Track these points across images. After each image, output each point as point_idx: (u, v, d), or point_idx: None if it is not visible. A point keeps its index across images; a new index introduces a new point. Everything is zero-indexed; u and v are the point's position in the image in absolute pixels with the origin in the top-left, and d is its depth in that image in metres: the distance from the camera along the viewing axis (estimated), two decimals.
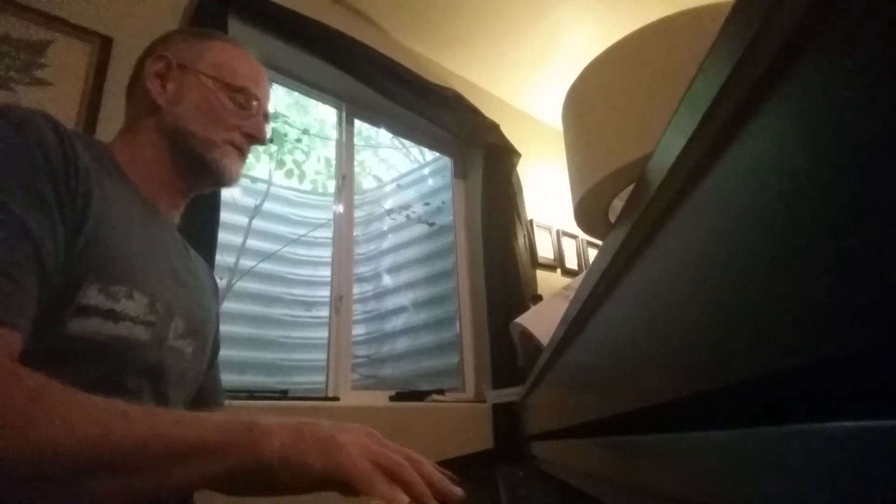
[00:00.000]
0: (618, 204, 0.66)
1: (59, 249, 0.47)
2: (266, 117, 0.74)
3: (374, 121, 2.07)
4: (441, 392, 1.77)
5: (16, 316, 0.41)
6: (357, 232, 2.06)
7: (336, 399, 1.51)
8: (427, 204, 2.62)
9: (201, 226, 1.18)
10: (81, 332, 0.49)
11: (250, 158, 0.75)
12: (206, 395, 0.78)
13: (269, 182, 2.89)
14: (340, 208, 1.84)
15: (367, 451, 0.41)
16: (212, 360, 0.78)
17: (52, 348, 0.48)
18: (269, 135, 0.75)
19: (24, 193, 0.45)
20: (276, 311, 2.57)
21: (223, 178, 0.70)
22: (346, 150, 1.92)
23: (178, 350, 0.62)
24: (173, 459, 0.38)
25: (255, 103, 0.71)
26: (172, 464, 0.38)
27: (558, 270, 2.33)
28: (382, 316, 2.67)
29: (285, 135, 2.86)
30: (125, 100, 0.70)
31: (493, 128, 2.15)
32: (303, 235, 2.84)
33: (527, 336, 1.10)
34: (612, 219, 0.69)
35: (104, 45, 1.22)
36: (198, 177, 0.70)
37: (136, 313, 0.55)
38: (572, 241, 2.44)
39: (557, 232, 2.38)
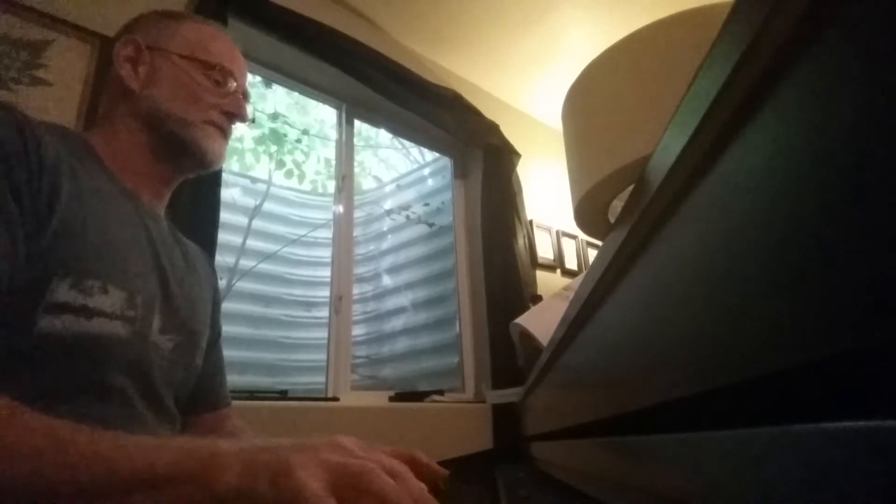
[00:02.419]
0: (618, 204, 0.66)
1: (18, 245, 0.45)
2: (245, 96, 0.72)
3: (374, 121, 2.07)
4: (441, 392, 1.77)
5: None
6: (357, 232, 2.06)
7: (336, 399, 1.51)
8: (427, 204, 2.62)
9: (201, 226, 1.18)
10: (52, 331, 0.48)
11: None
12: (207, 389, 0.75)
13: (268, 182, 2.89)
14: (340, 209, 1.84)
15: (324, 466, 0.36)
16: (207, 351, 0.75)
17: (23, 349, 0.46)
18: (250, 114, 0.73)
19: None
20: (276, 311, 2.57)
21: (206, 159, 0.67)
22: (345, 150, 1.92)
23: (160, 346, 0.60)
24: (119, 490, 0.35)
25: (231, 81, 0.69)
26: (118, 495, 0.35)
27: (558, 271, 2.33)
28: (382, 316, 2.67)
29: (285, 135, 2.86)
30: (99, 91, 0.69)
31: (493, 128, 2.15)
32: (303, 236, 2.84)
33: (526, 336, 1.10)
34: (612, 219, 0.69)
35: (104, 45, 1.22)
36: (179, 160, 0.67)
37: (111, 308, 0.52)
38: (572, 242, 2.44)
39: (557, 232, 2.39)
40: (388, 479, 0.36)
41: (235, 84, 0.70)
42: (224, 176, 1.32)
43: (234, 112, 0.69)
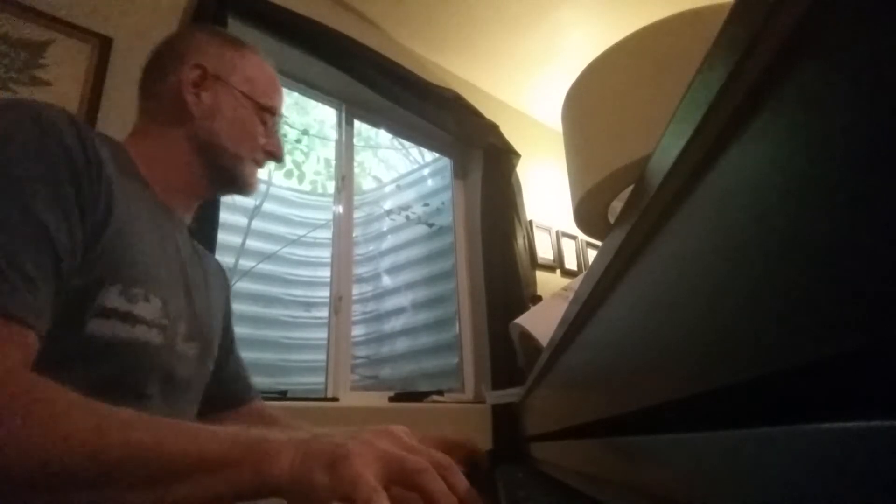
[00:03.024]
0: (617, 205, 0.66)
1: (77, 252, 0.47)
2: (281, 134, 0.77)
3: (374, 121, 2.07)
4: (440, 393, 1.77)
5: (35, 319, 0.41)
6: (356, 233, 2.06)
7: (335, 400, 1.51)
8: (427, 205, 2.62)
9: (201, 226, 1.18)
10: (100, 334, 0.49)
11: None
12: (232, 389, 0.79)
13: (268, 182, 2.89)
14: (340, 209, 1.84)
15: (382, 459, 0.37)
16: (227, 355, 0.79)
17: (70, 349, 0.47)
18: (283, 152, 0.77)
19: (45, 193, 0.44)
20: (276, 311, 2.57)
21: (245, 190, 0.72)
22: (345, 150, 1.92)
23: (184, 354, 0.62)
24: (173, 475, 0.36)
25: (277, 123, 0.74)
26: (170, 480, 0.36)
27: (558, 271, 2.33)
28: (382, 317, 2.67)
29: (285, 135, 2.85)
30: (141, 96, 0.69)
31: (493, 128, 2.15)
32: (302, 236, 2.84)
33: (526, 337, 1.10)
34: (612, 219, 0.69)
35: (104, 45, 1.22)
36: (222, 187, 0.72)
37: (151, 317, 0.54)
38: (572, 242, 2.44)
39: (557, 233, 2.39)
40: (440, 480, 0.37)
41: (278, 122, 0.74)
42: None
43: (276, 153, 0.74)
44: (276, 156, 0.74)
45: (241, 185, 0.71)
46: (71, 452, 0.34)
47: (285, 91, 2.00)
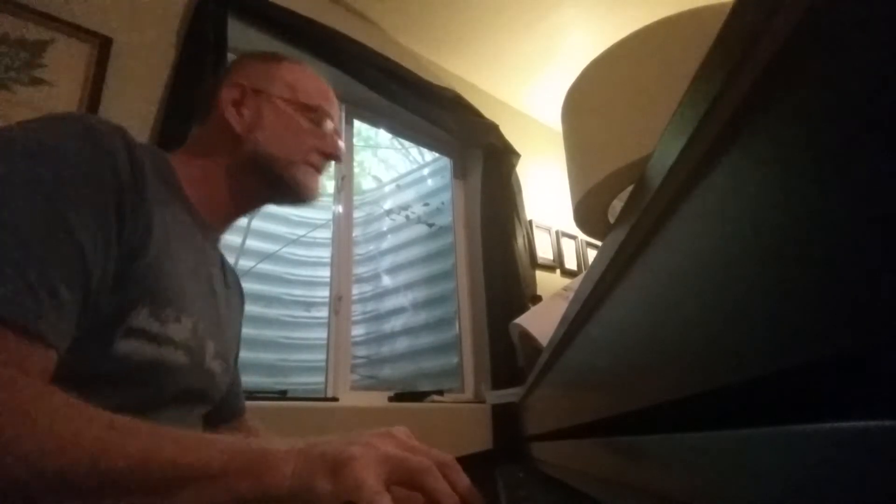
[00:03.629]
0: (617, 204, 0.66)
1: (109, 273, 0.46)
2: (339, 134, 0.75)
3: (374, 121, 2.07)
4: (440, 393, 1.77)
5: (57, 338, 0.40)
6: (356, 232, 2.06)
7: (335, 399, 1.51)
8: (426, 204, 2.62)
9: None
10: (127, 354, 0.49)
11: (321, 180, 0.76)
12: (231, 400, 0.78)
13: None
14: (340, 209, 1.84)
15: (384, 461, 0.37)
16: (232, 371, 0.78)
17: (95, 369, 0.47)
18: (342, 151, 0.76)
19: (86, 210, 0.44)
20: (276, 311, 2.57)
21: (305, 198, 0.71)
22: (345, 150, 1.92)
23: (212, 371, 0.62)
24: (173, 484, 0.36)
25: (328, 121, 0.72)
26: (171, 489, 0.36)
27: (557, 271, 2.33)
28: (382, 316, 2.67)
29: None
30: (196, 123, 0.70)
31: (493, 128, 2.15)
32: (302, 236, 2.84)
33: (526, 336, 1.10)
34: (612, 219, 0.69)
35: (104, 45, 1.22)
36: (278, 197, 0.71)
37: (179, 337, 0.54)
38: (572, 242, 2.44)
39: (557, 232, 2.39)
40: (442, 479, 0.38)
41: (332, 124, 0.72)
42: None
43: (332, 153, 0.72)
44: (334, 155, 0.72)
45: (301, 191, 0.69)
46: (70, 459, 0.34)
47: None
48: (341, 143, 0.75)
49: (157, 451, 0.36)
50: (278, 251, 2.74)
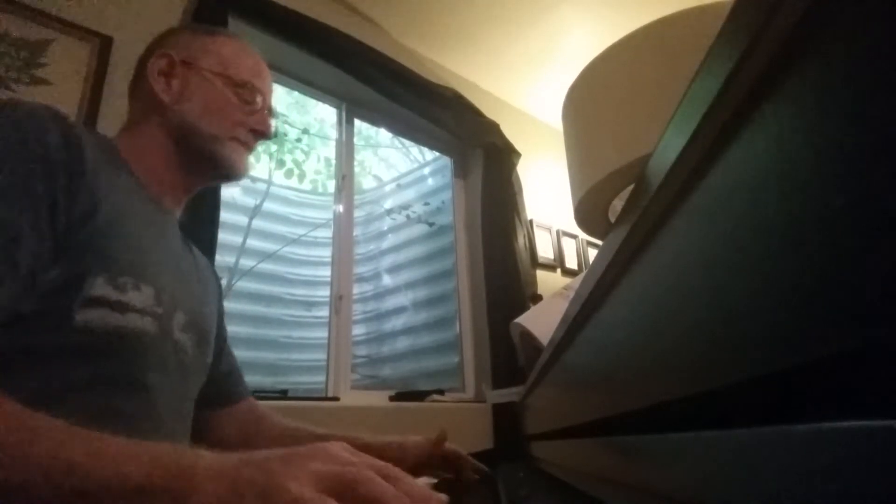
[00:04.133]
0: (618, 204, 0.66)
1: (45, 241, 0.47)
2: (270, 112, 0.74)
3: (374, 120, 2.07)
4: (441, 392, 1.77)
5: None
6: (357, 232, 2.06)
7: (336, 399, 1.51)
8: (427, 204, 2.62)
9: (201, 226, 1.18)
10: (88, 323, 0.49)
11: (250, 158, 0.75)
12: (224, 387, 0.79)
13: (269, 182, 2.89)
14: (340, 208, 1.84)
15: (319, 479, 0.35)
16: (219, 353, 0.78)
17: (62, 343, 0.48)
18: (273, 129, 0.75)
19: (10, 189, 0.45)
20: (276, 311, 2.57)
21: (231, 173, 0.70)
22: (345, 149, 1.92)
23: (181, 343, 0.62)
24: (82, 497, 0.33)
25: (259, 98, 0.71)
26: (85, 501, 0.33)
27: (558, 270, 2.33)
28: (382, 316, 2.67)
29: (285, 134, 2.85)
30: (129, 97, 0.70)
31: (493, 127, 2.15)
32: (303, 235, 2.84)
33: (527, 336, 1.10)
34: (612, 219, 0.69)
35: (104, 45, 1.22)
36: (205, 172, 0.70)
37: (142, 304, 0.54)
38: (572, 241, 2.44)
39: (557, 232, 2.38)
40: (385, 484, 0.35)
41: (262, 101, 0.72)
42: None
43: (261, 130, 0.72)
44: (264, 133, 0.72)
45: (225, 167, 0.68)
46: None
47: (285, 91, 1.99)
48: (272, 121, 0.74)
49: (66, 460, 0.34)
50: (279, 251, 2.74)
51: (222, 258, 2.30)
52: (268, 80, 0.74)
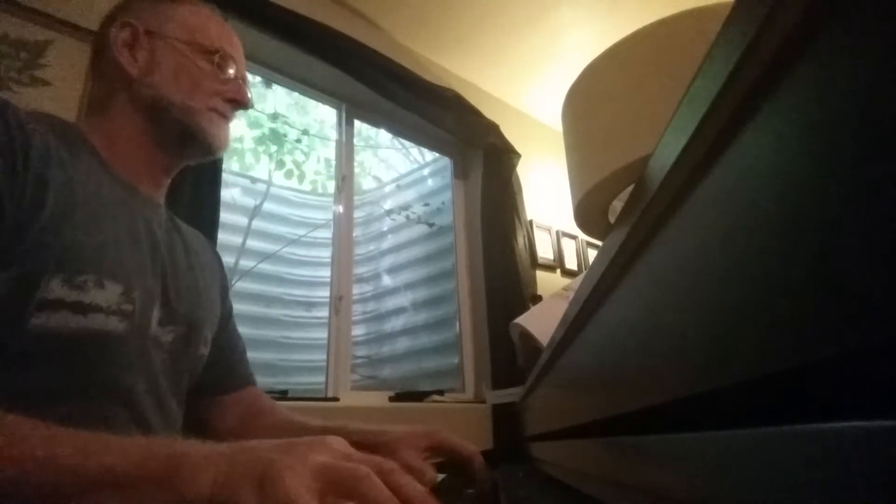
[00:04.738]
0: (618, 204, 0.66)
1: None
2: (244, 80, 0.70)
3: (374, 121, 2.07)
4: (441, 392, 1.77)
5: None
6: (357, 232, 2.06)
7: (336, 399, 1.51)
8: (427, 204, 2.62)
9: (201, 226, 1.18)
10: (47, 329, 0.46)
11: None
12: (227, 367, 0.76)
13: (268, 182, 2.89)
14: (340, 209, 1.84)
15: (316, 472, 0.34)
16: (219, 334, 0.75)
17: (17, 348, 0.45)
18: (250, 98, 0.70)
19: None
20: (276, 311, 2.57)
21: (211, 146, 0.65)
22: (345, 150, 1.92)
23: (159, 339, 0.59)
24: (70, 493, 0.33)
25: (232, 65, 0.67)
26: (74, 496, 0.33)
27: (558, 271, 2.33)
28: (382, 316, 2.67)
29: (285, 135, 2.86)
30: (91, 77, 0.65)
31: (493, 128, 2.15)
32: (302, 236, 2.84)
33: (526, 336, 1.10)
34: (612, 219, 0.69)
35: None
36: (183, 148, 0.65)
37: (107, 304, 0.51)
38: (572, 242, 2.44)
39: (557, 232, 2.39)
40: (382, 484, 0.34)
41: (236, 69, 0.67)
42: (224, 176, 1.32)
43: (238, 98, 0.67)
44: (241, 102, 0.67)
45: (203, 140, 0.63)
46: None
47: (285, 91, 1.98)
48: (248, 90, 0.69)
49: (52, 456, 0.33)
50: (279, 251, 2.74)
51: (222, 259, 2.29)
52: (238, 47, 0.70)
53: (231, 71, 0.66)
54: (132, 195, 0.61)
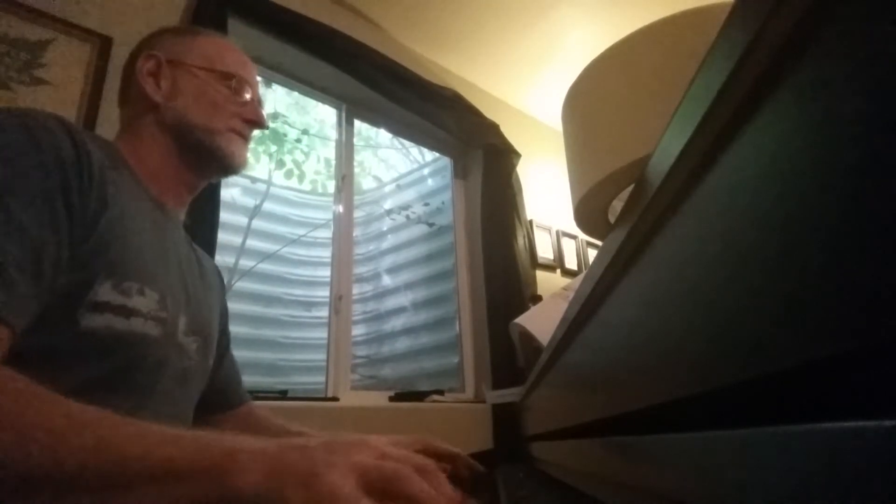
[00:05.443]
0: (618, 204, 0.66)
1: (63, 248, 0.48)
2: (260, 102, 0.76)
3: (374, 121, 2.07)
4: (441, 392, 1.77)
5: (10, 314, 0.41)
6: (357, 232, 2.06)
7: (336, 399, 1.51)
8: (427, 204, 2.62)
9: (201, 226, 1.18)
10: (94, 328, 0.50)
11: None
12: (226, 391, 0.80)
13: (268, 182, 2.89)
14: (340, 208, 1.84)
15: (359, 470, 0.35)
16: (221, 357, 0.79)
17: (64, 345, 0.48)
18: (266, 120, 0.76)
19: (27, 193, 0.45)
20: (276, 311, 2.57)
21: (232, 165, 0.71)
22: (345, 150, 1.92)
23: (185, 347, 0.63)
24: (131, 480, 0.34)
25: (247, 89, 0.72)
26: (129, 485, 0.34)
27: (558, 271, 2.33)
28: (382, 316, 2.67)
29: (285, 135, 2.86)
30: (119, 105, 0.72)
31: (493, 128, 2.15)
32: (302, 236, 2.84)
33: (526, 336, 1.10)
34: (612, 219, 0.69)
35: (104, 45, 1.22)
36: (205, 167, 0.71)
37: (147, 309, 0.55)
38: (572, 242, 2.44)
39: (557, 232, 2.38)
40: (423, 483, 0.36)
41: (251, 92, 0.73)
42: None
43: (254, 119, 0.73)
44: (257, 122, 0.73)
45: (223, 158, 0.69)
46: (28, 450, 0.33)
47: (285, 91, 1.99)
48: (263, 111, 0.75)
49: (115, 444, 0.35)
50: (278, 251, 2.74)
51: (222, 258, 2.30)
52: (253, 72, 0.76)
53: (247, 94, 0.72)
54: (162, 211, 0.66)
